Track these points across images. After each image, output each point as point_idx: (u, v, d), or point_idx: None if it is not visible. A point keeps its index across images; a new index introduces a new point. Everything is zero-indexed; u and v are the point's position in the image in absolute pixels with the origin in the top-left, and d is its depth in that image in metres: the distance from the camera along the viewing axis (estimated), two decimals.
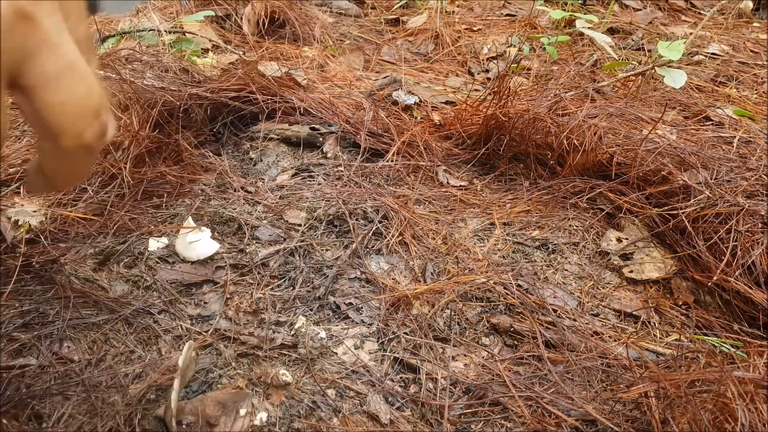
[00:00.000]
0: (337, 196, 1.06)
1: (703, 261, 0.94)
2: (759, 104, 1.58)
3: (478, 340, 0.82)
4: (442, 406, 0.71)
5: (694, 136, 1.25)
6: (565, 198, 1.14)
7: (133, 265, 0.89)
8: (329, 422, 0.68)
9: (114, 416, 0.64)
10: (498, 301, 0.89)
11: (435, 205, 1.11)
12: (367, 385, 0.74)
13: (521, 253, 1.00)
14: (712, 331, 0.87)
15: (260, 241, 0.97)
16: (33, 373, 0.69)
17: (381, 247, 0.97)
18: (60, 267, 0.85)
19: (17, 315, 0.76)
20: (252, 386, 0.71)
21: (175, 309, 0.81)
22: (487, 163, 1.26)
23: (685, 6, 2.46)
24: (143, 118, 1.11)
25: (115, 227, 0.94)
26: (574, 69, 1.60)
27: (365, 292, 0.88)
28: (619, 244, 1.03)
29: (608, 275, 0.98)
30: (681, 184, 1.04)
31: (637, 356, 0.81)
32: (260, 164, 1.20)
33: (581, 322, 0.86)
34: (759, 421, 0.62)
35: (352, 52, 1.83)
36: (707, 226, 0.96)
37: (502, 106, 1.24)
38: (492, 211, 1.10)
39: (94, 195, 0.98)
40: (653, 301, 0.92)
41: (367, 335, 0.81)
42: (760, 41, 2.09)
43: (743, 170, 1.06)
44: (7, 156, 1.03)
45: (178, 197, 1.05)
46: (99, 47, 1.49)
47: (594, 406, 0.72)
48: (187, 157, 1.14)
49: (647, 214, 1.06)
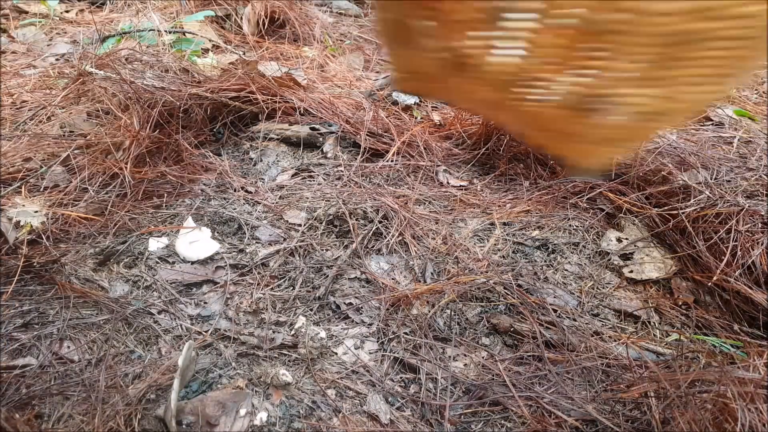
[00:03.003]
0: (337, 196, 1.06)
1: (703, 261, 0.94)
2: (759, 104, 1.58)
3: (478, 340, 0.82)
4: (442, 406, 0.71)
5: (694, 136, 1.25)
6: (565, 198, 1.14)
7: (133, 265, 0.89)
8: (329, 422, 0.68)
9: (114, 416, 0.64)
10: (498, 301, 0.89)
11: (435, 205, 1.11)
12: (367, 385, 0.74)
13: (521, 253, 1.00)
14: (712, 331, 0.87)
15: (260, 241, 0.97)
16: (33, 373, 0.69)
17: (381, 247, 0.97)
18: (60, 267, 0.85)
19: (17, 315, 0.77)
20: (252, 386, 0.71)
21: (175, 309, 0.81)
22: (487, 163, 1.26)
23: None
24: (143, 118, 1.11)
25: (115, 227, 0.94)
26: None
27: (365, 292, 0.88)
28: (619, 244, 1.03)
29: (608, 275, 0.98)
30: (681, 184, 1.04)
31: (637, 356, 0.81)
32: (260, 164, 1.20)
33: (581, 322, 0.86)
34: (759, 421, 0.62)
35: (352, 52, 1.83)
36: (707, 226, 0.96)
37: None
38: (492, 211, 1.10)
39: (95, 195, 0.98)
40: (653, 301, 0.92)
41: (367, 335, 0.81)
42: None
43: (743, 170, 1.06)
44: (8, 155, 1.03)
45: (178, 197, 1.05)
46: (99, 47, 1.49)
47: (594, 406, 0.72)
48: (187, 157, 1.14)
49: (647, 214, 1.06)
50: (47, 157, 1.04)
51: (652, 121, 0.45)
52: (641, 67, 0.38)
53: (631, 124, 0.44)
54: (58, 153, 1.05)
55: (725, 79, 0.42)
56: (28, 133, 1.11)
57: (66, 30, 1.73)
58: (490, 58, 0.41)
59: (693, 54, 0.37)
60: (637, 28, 0.35)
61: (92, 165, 1.01)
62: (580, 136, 0.46)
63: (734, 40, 0.39)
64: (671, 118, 0.45)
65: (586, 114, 0.43)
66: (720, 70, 0.41)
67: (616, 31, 0.36)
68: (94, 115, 1.17)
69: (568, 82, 0.40)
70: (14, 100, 1.24)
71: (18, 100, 1.24)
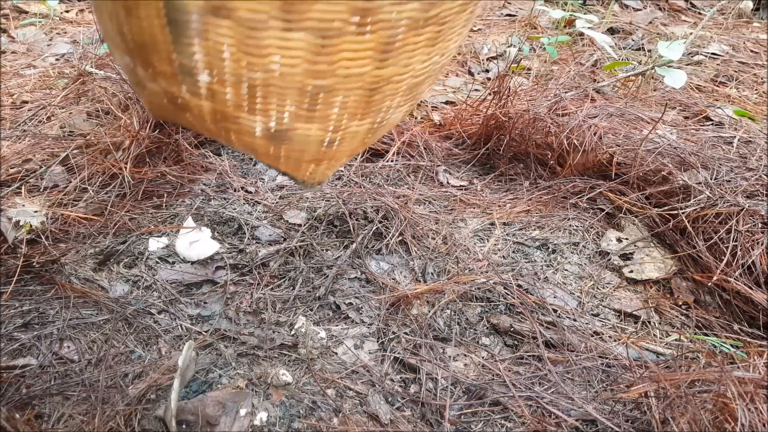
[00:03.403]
0: (337, 196, 1.06)
1: (703, 261, 0.94)
2: (759, 104, 1.58)
3: (478, 340, 0.82)
4: (443, 406, 0.71)
5: (694, 136, 1.25)
6: (565, 198, 1.14)
7: (133, 265, 0.89)
8: (329, 422, 0.68)
9: (114, 416, 0.64)
10: (498, 301, 0.89)
11: (435, 205, 1.11)
12: (367, 385, 0.74)
13: (521, 253, 1.00)
14: (712, 331, 0.87)
15: (260, 241, 0.97)
16: (33, 373, 0.69)
17: (381, 247, 0.97)
18: (60, 267, 0.85)
19: (17, 315, 0.77)
20: (252, 386, 0.71)
21: (175, 309, 0.81)
22: (487, 163, 1.26)
23: (685, 6, 2.46)
24: (143, 118, 1.11)
25: (115, 227, 0.94)
26: (574, 69, 1.60)
27: (365, 292, 0.88)
28: (619, 244, 1.03)
29: (608, 275, 0.98)
30: (681, 184, 1.04)
31: (637, 356, 0.81)
32: (260, 164, 1.20)
33: (581, 322, 0.86)
34: (759, 421, 0.62)
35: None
36: (707, 226, 0.96)
37: (502, 106, 1.24)
38: (492, 211, 1.10)
39: (95, 195, 0.98)
40: (653, 301, 0.92)
41: (367, 335, 0.81)
42: (760, 41, 2.09)
43: (743, 170, 1.06)
44: (7, 156, 1.03)
45: (178, 197, 1.05)
46: (100, 47, 1.49)
47: (594, 406, 0.72)
48: (187, 157, 1.14)
49: (647, 214, 1.06)
50: (47, 157, 1.04)
51: (329, 146, 0.57)
52: (304, 109, 0.51)
53: (318, 149, 0.57)
54: (58, 153, 1.05)
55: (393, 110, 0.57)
56: (28, 133, 1.11)
57: (66, 30, 1.73)
58: (193, 101, 0.53)
59: (331, 100, 0.51)
60: (283, 82, 0.49)
61: (92, 165, 1.01)
62: (287, 158, 0.59)
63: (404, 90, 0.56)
64: (345, 145, 0.58)
65: (282, 142, 0.55)
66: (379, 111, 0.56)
67: (267, 85, 0.49)
68: (94, 115, 1.17)
69: (257, 120, 0.52)
70: (14, 100, 1.24)
71: (18, 100, 1.24)
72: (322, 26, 0.45)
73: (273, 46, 0.46)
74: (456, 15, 0.52)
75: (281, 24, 0.44)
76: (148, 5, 0.46)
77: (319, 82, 0.49)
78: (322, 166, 0.63)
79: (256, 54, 0.46)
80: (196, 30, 0.47)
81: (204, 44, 0.47)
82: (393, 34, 0.48)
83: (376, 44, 0.48)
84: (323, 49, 0.47)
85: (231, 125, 0.54)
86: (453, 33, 0.55)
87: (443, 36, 0.54)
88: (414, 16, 0.48)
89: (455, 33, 0.56)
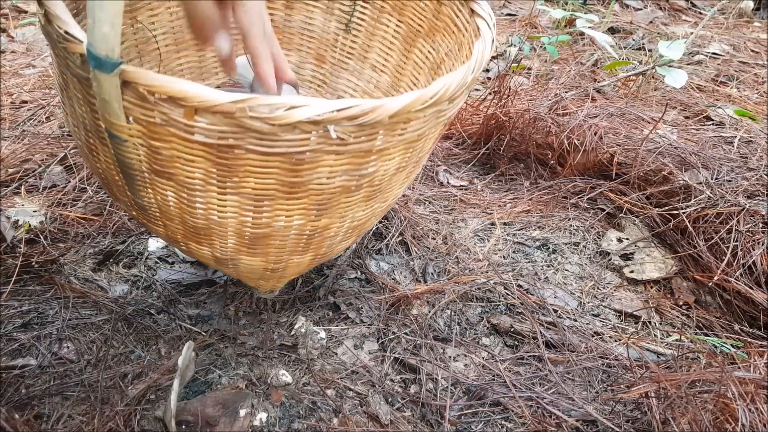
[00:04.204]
0: None
1: (704, 261, 0.94)
2: (760, 104, 1.58)
3: (479, 341, 0.82)
4: (443, 406, 0.71)
5: (694, 136, 1.25)
6: (566, 198, 1.14)
7: (132, 265, 0.89)
8: (329, 423, 0.68)
9: (113, 416, 0.64)
10: (498, 301, 0.89)
11: (435, 204, 1.10)
12: (367, 386, 0.74)
13: (522, 253, 1.00)
14: (712, 332, 0.87)
15: None
16: (32, 374, 0.69)
17: (381, 247, 0.97)
18: (59, 267, 0.85)
19: (17, 315, 0.76)
20: (252, 386, 0.71)
21: (174, 309, 0.81)
22: (488, 163, 1.26)
23: (685, 5, 2.46)
24: None
25: (114, 227, 0.94)
26: (575, 69, 1.60)
27: (365, 292, 0.88)
28: (619, 244, 1.03)
29: (609, 275, 0.98)
30: (682, 183, 1.04)
31: (637, 356, 0.80)
32: None
33: (582, 322, 0.86)
34: (759, 421, 0.62)
35: None
36: (708, 226, 0.96)
37: (502, 106, 1.24)
38: (492, 211, 1.10)
39: (94, 195, 0.98)
40: (654, 301, 0.92)
41: (367, 335, 0.81)
42: (761, 41, 2.09)
43: (744, 170, 1.06)
44: (7, 156, 1.03)
45: None
46: None
47: (594, 406, 0.72)
48: None
49: (648, 214, 1.06)
50: (46, 157, 1.04)
51: (274, 272, 0.65)
52: (245, 246, 0.59)
53: (263, 274, 0.65)
54: (57, 153, 1.05)
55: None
56: (27, 133, 1.10)
57: None
58: (150, 225, 0.62)
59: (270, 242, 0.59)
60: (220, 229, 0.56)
61: None
62: (238, 275, 0.68)
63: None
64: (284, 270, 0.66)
65: (228, 266, 0.64)
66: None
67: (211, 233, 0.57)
68: None
69: (204, 248, 0.61)
70: (13, 100, 1.23)
71: (17, 100, 1.24)
72: (255, 193, 0.51)
73: (212, 203, 0.52)
74: (391, 177, 0.57)
75: (217, 189, 0.50)
76: (105, 151, 0.52)
77: (256, 231, 0.56)
78: (270, 282, 0.72)
79: (197, 207, 0.53)
80: (143, 182, 0.53)
81: (152, 192, 0.54)
82: (324, 198, 0.53)
83: (309, 205, 0.54)
84: (256, 208, 0.53)
85: (183, 246, 0.63)
86: (391, 189, 0.61)
87: (381, 192, 0.59)
88: (344, 184, 0.53)
89: (395, 188, 0.62)
